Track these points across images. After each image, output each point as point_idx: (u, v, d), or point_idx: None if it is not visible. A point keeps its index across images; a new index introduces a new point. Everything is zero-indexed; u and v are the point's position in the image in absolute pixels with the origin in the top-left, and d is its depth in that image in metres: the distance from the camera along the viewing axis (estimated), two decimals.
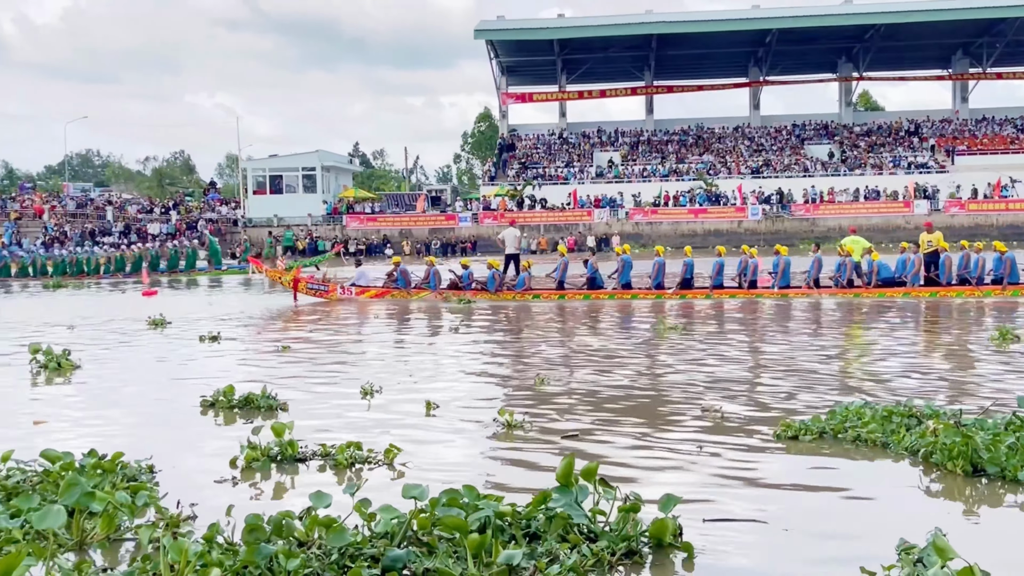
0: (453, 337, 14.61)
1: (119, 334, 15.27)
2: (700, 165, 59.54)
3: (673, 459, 6.40)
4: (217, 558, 3.94)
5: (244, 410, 8.10)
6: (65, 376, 10.44)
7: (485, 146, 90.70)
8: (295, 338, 14.32)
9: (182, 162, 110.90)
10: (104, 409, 8.59)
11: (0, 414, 8.19)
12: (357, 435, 6.68)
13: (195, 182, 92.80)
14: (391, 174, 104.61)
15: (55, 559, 4.07)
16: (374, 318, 17.68)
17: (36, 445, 5.94)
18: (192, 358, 12.21)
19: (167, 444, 6.98)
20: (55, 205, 58.43)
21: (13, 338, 14.77)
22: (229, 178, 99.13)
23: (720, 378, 9.73)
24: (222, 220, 57.60)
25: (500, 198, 55.56)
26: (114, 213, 57.93)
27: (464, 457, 6.55)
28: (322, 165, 59.60)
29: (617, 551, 4.35)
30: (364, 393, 8.72)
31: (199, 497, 5.38)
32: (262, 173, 59.61)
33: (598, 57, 64.50)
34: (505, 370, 10.81)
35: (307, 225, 55.03)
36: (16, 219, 53.78)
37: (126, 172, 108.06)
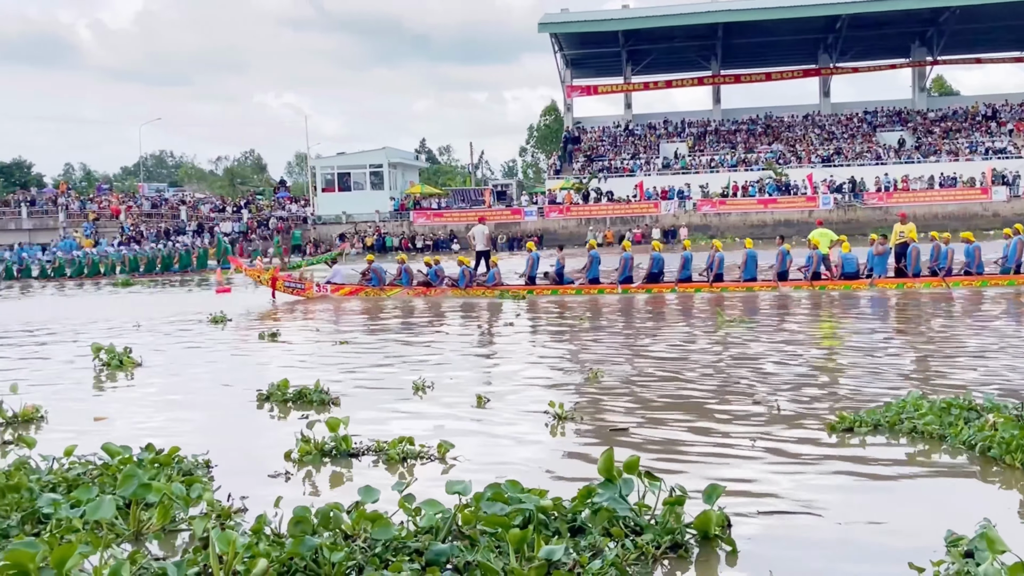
0: (506, 331, 14.63)
1: (181, 332, 15.61)
2: (769, 154, 58.63)
3: (726, 452, 6.32)
4: (264, 550, 3.98)
5: (297, 404, 8.19)
6: (127, 373, 10.68)
7: (550, 140, 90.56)
8: (351, 335, 14.44)
9: (253, 161, 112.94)
10: (163, 404, 8.77)
11: (64, 411, 8.38)
12: (409, 430, 6.70)
13: (265, 181, 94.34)
14: (457, 170, 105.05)
15: (110, 549, 4.12)
16: (423, 315, 17.74)
17: (97, 440, 6.04)
18: (250, 354, 12.43)
19: (224, 438, 7.12)
20: (131, 205, 59.85)
21: (80, 336, 15.14)
22: (299, 176, 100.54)
23: (774, 370, 9.60)
24: (292, 218, 58.43)
25: (566, 192, 55.37)
26: (188, 212, 59.11)
27: (514, 451, 6.53)
28: (389, 162, 60.16)
29: (662, 544, 4.30)
30: (416, 388, 8.76)
31: (252, 490, 5.44)
32: (330, 171, 60.39)
33: (663, 47, 63.94)
34: (558, 364, 10.77)
35: (375, 222, 55.54)
36: (94, 220, 55.21)
37: (199, 172, 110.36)
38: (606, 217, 52.83)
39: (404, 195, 59.14)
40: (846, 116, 64.31)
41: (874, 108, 65.13)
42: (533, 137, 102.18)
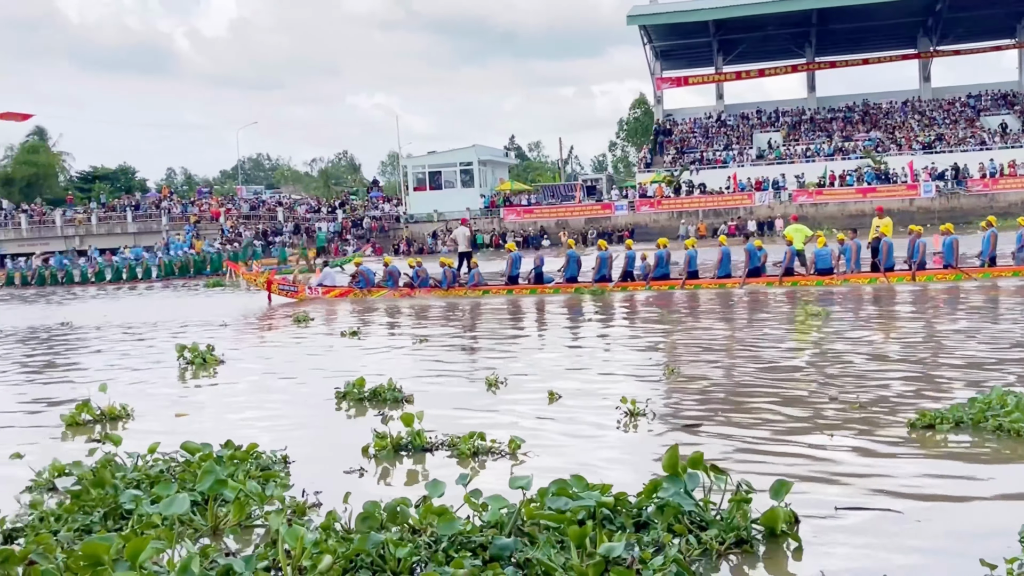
0: (579, 328, 14.58)
1: (264, 331, 16.06)
2: (867, 142, 56.98)
3: (801, 449, 6.17)
4: (331, 545, 4.01)
5: (373, 401, 8.27)
6: (210, 371, 10.94)
7: (640, 133, 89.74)
8: (428, 332, 14.59)
9: (347, 162, 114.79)
10: (244, 402, 8.97)
11: (150, 409, 8.62)
12: (481, 426, 6.70)
13: (359, 181, 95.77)
14: (546, 165, 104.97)
15: (185, 543, 4.19)
16: (497, 313, 17.78)
17: (180, 437, 6.19)
18: (330, 353, 12.62)
19: (302, 434, 7.22)
20: (230, 208, 61.41)
21: (173, 335, 15.61)
22: (391, 176, 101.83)
23: (852, 365, 9.34)
24: (385, 217, 59.17)
25: (657, 185, 54.79)
26: (284, 214, 60.43)
27: (585, 446, 6.49)
28: (479, 160, 60.40)
29: (726, 540, 4.24)
30: (489, 385, 8.78)
31: (327, 485, 5.50)
32: (422, 170, 60.94)
33: (755, 36, 62.65)
34: (632, 360, 10.65)
35: (466, 219, 55.80)
36: (195, 222, 56.82)
37: (295, 174, 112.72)
38: (698, 210, 52.08)
39: (494, 192, 59.30)
40: (948, 101, 62.09)
41: (977, 92, 62.69)
42: (623, 131, 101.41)
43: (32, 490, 5.76)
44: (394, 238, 55.16)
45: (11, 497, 5.29)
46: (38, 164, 76.54)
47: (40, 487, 5.78)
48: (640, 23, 60.23)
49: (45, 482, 5.80)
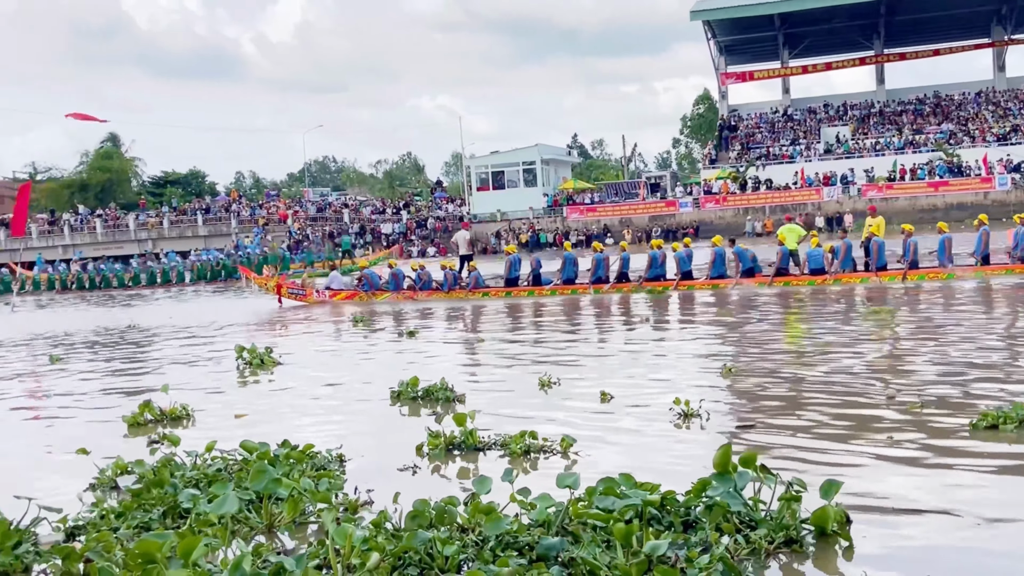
0: (635, 327, 14.52)
1: (323, 332, 16.26)
2: (939, 135, 55.64)
3: (861, 449, 6.05)
4: (381, 543, 4.05)
5: (426, 401, 8.31)
6: (268, 372, 11.10)
7: (704, 129, 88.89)
8: (481, 334, 14.66)
9: (411, 163, 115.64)
10: (301, 402, 9.07)
11: (209, 409, 8.78)
12: (533, 425, 6.68)
13: (423, 182, 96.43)
14: (609, 163, 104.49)
15: (238, 541, 4.30)
16: (553, 313, 17.73)
17: (238, 437, 6.29)
18: (387, 353, 12.77)
19: (357, 434, 7.29)
20: (297, 210, 62.31)
21: (226, 338, 15.92)
22: (454, 176, 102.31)
23: (913, 364, 9.14)
24: (449, 217, 59.46)
25: (722, 181, 54.19)
26: (350, 215, 61.12)
27: (637, 446, 6.45)
28: (541, 159, 60.38)
29: (775, 539, 4.19)
30: (542, 384, 8.74)
31: (381, 484, 5.54)
32: (484, 170, 61.13)
33: (822, 29, 61.66)
34: (687, 360, 10.56)
35: (529, 218, 55.85)
36: (263, 224, 57.75)
37: (360, 176, 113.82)
38: (765, 206, 51.34)
39: (557, 191, 59.24)
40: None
41: None
42: (686, 127, 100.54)
43: (95, 488, 5.90)
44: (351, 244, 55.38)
45: (74, 495, 5.39)
46: (112, 170, 78.48)
47: (103, 485, 5.91)
48: (704, 18, 59.68)
49: (108, 480, 5.93)
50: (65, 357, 14.19)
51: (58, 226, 61.45)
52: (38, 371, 12.97)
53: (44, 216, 64.28)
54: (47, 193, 73.91)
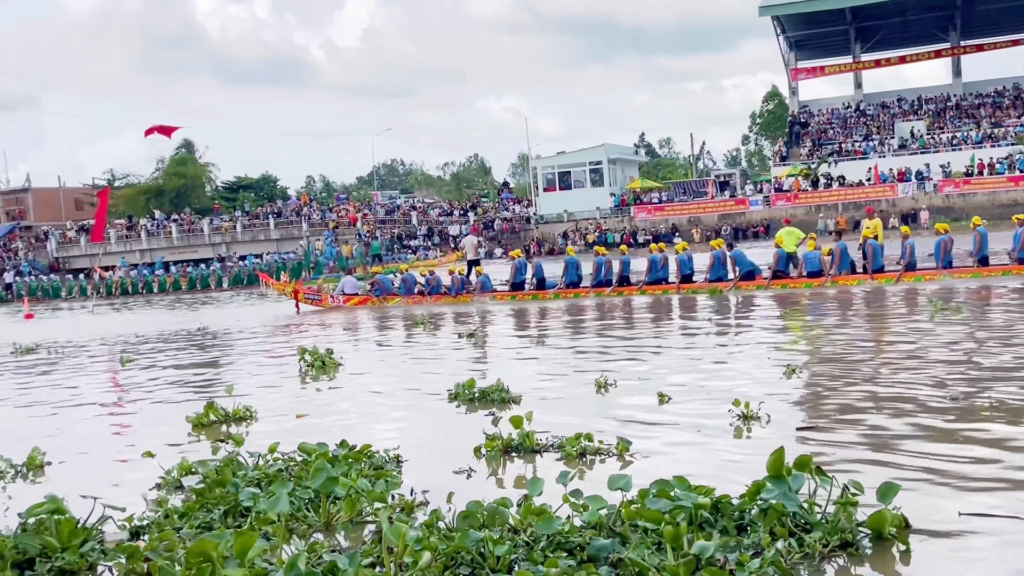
0: (693, 328, 14.44)
1: (383, 334, 16.54)
2: (1019, 128, 53.94)
3: (926, 452, 5.90)
4: (433, 542, 4.09)
5: (482, 402, 8.35)
6: (329, 374, 11.24)
7: (774, 126, 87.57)
8: (540, 336, 14.69)
9: (477, 165, 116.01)
10: (361, 403, 9.19)
11: (271, 410, 8.92)
12: (589, 427, 6.67)
13: (490, 183, 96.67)
14: (677, 162, 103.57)
15: (295, 539, 4.43)
16: (605, 315, 17.65)
17: (300, 437, 6.40)
18: (445, 354, 12.89)
19: (415, 435, 7.36)
20: (367, 213, 62.95)
21: (288, 340, 16.25)
22: (521, 177, 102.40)
23: (981, 365, 8.85)
24: (515, 218, 59.55)
25: (793, 178, 53.31)
26: (418, 217, 61.57)
27: (694, 449, 6.38)
28: (608, 158, 60.12)
29: (831, 543, 4.13)
30: (599, 386, 8.69)
31: (436, 484, 5.56)
32: (551, 170, 61.06)
33: (895, 22, 60.31)
34: (748, 361, 10.39)
35: (596, 219, 55.65)
36: (334, 228, 58.48)
37: (427, 178, 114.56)
38: (837, 203, 50.34)
39: (624, 190, 58.92)
40: None
41: None
42: (756, 124, 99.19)
43: (160, 488, 6.03)
44: (524, 239, 55.42)
45: (139, 495, 5.49)
46: (186, 175, 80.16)
47: (168, 485, 6.04)
48: (773, 13, 58.79)
49: (173, 480, 6.06)
50: (136, 359, 14.56)
51: (135, 231, 63.03)
52: (109, 372, 13.32)
53: (122, 221, 65.96)
54: (125, 199, 75.76)
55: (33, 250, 65.59)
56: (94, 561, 4.61)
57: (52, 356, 16.16)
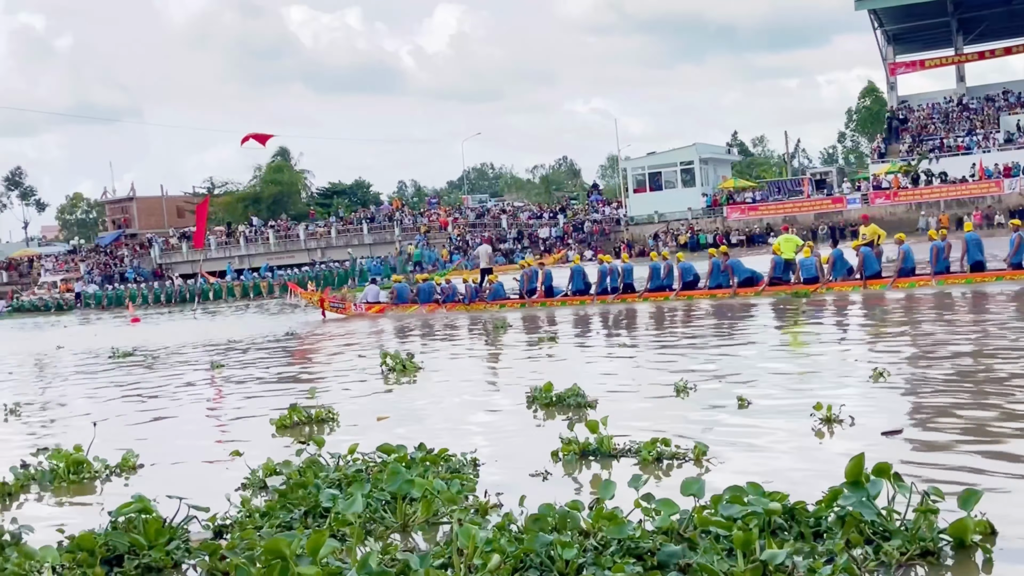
0: (774, 331, 14.23)
1: (463, 338, 16.78)
2: None
3: (1015, 456, 5.67)
4: (503, 545, 4.10)
5: (559, 406, 8.31)
6: (410, 377, 11.38)
7: (872, 122, 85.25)
8: (619, 340, 14.67)
9: (567, 167, 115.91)
10: (440, 406, 9.29)
11: (353, 412, 9.07)
12: (667, 431, 6.60)
13: (579, 186, 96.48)
14: (771, 160, 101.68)
15: (370, 540, 4.45)
16: (685, 319, 17.48)
17: (381, 439, 6.44)
18: (524, 358, 13.01)
19: (492, 438, 7.39)
20: (457, 217, 63.50)
21: (373, 344, 16.49)
22: (610, 179, 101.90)
23: None
24: (606, 220, 59.27)
25: (892, 175, 51.84)
26: (508, 221, 61.76)
27: (773, 454, 6.25)
28: (699, 158, 59.37)
29: (909, 551, 4.01)
30: (678, 390, 8.58)
31: (511, 487, 5.56)
32: (641, 171, 60.60)
33: (999, 12, 58.12)
34: (832, 364, 10.13)
35: (687, 219, 55.02)
36: (425, 232, 59.12)
37: (517, 181, 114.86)
38: (939, 200, 48.77)
39: (716, 190, 58.10)
40: None
41: None
42: (852, 120, 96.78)
43: (246, 488, 6.16)
44: (615, 240, 55.13)
45: (226, 494, 5.60)
46: (282, 183, 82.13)
47: (253, 485, 6.17)
48: (870, 7, 57.36)
49: (258, 481, 6.18)
50: (226, 363, 14.98)
51: (234, 237, 64.75)
52: (201, 377, 13.72)
53: (221, 228, 67.87)
54: (224, 206, 78.04)
55: (138, 257, 68.01)
56: (179, 559, 4.73)
57: (148, 360, 16.69)
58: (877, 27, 60.42)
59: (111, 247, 73.24)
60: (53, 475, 6.83)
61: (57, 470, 6.85)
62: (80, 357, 18.87)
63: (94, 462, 6.97)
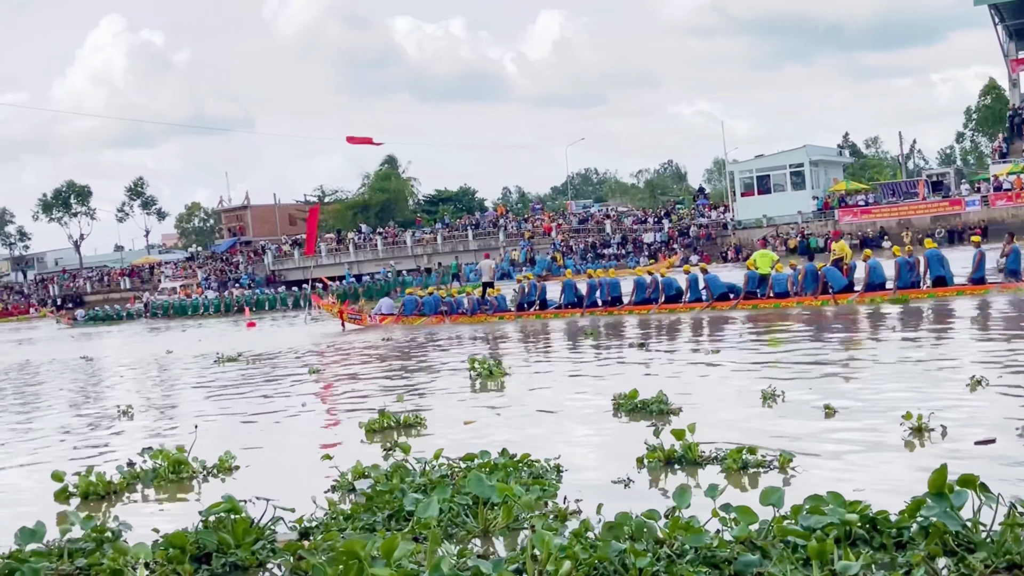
0: (867, 339, 14.03)
1: (550, 345, 17.11)
2: None
3: None
4: (576, 552, 4.10)
5: (644, 413, 8.29)
6: (497, 383, 11.53)
7: (992, 121, 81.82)
8: (709, 347, 14.58)
9: (672, 171, 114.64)
10: (526, 412, 9.37)
11: (440, 416, 9.26)
12: (754, 439, 6.56)
13: (684, 190, 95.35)
14: (885, 162, 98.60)
15: (446, 543, 4.46)
16: (763, 326, 17.24)
17: (467, 444, 6.69)
18: (612, 365, 13.08)
19: (578, 444, 7.42)
20: (561, 222, 63.47)
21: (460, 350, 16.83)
22: (717, 183, 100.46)
23: None
24: (712, 225, 58.43)
25: (1015, 176, 49.60)
26: (612, 226, 61.44)
27: (860, 464, 6.09)
28: (810, 160, 57.92)
29: (995, 564, 3.88)
30: (765, 398, 8.44)
31: (593, 495, 5.51)
32: (748, 174, 59.47)
33: None
34: (929, 372, 9.88)
35: (797, 223, 53.81)
36: (529, 238, 59.32)
37: (621, 186, 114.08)
38: None
39: (827, 193, 56.61)
40: None
41: None
42: (971, 120, 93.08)
43: (335, 490, 6.31)
44: (722, 245, 54.31)
45: (314, 496, 5.74)
46: (389, 190, 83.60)
47: (342, 487, 6.32)
48: (990, 2, 55.15)
49: (346, 483, 6.33)
50: (323, 368, 15.52)
51: (344, 244, 66.18)
52: (299, 381, 14.15)
53: (331, 236, 69.41)
54: (333, 214, 79.83)
55: (252, 264, 70.15)
56: (263, 559, 4.87)
57: (251, 365, 17.23)
58: (998, 23, 58.05)
59: (227, 254, 75.80)
60: (155, 474, 7.12)
61: (159, 470, 7.14)
62: (186, 362, 19.62)
63: (193, 463, 7.23)
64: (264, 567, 4.83)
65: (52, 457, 8.66)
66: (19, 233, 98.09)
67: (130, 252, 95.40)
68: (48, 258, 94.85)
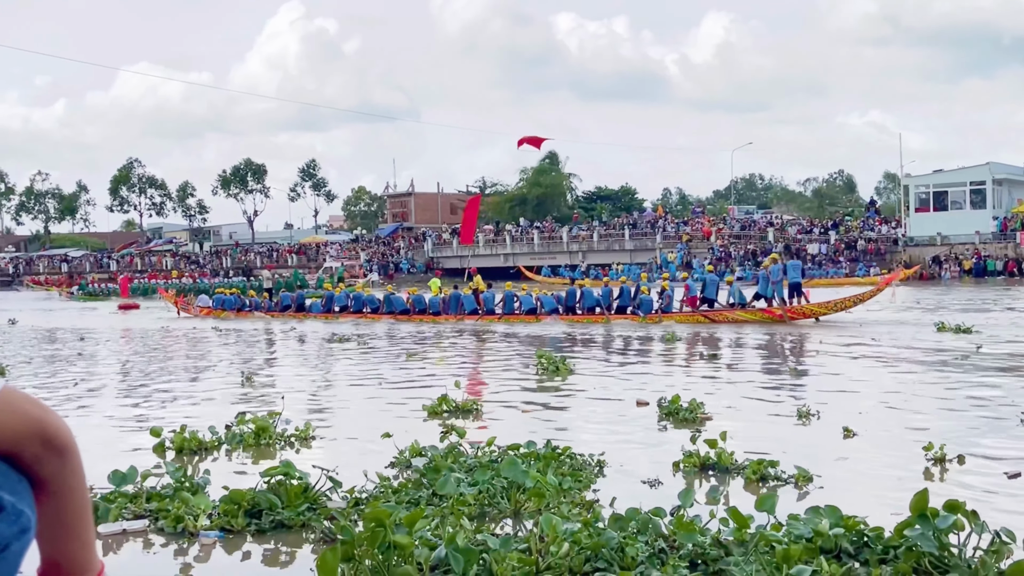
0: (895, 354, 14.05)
1: (619, 346, 17.55)
2: None
3: None
4: (580, 537, 4.38)
5: (677, 417, 8.53)
6: (561, 378, 11.96)
7: None
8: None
9: (842, 181, 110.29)
10: (580, 407, 9.88)
11: (502, 405, 9.89)
12: (777, 454, 6.71)
13: (854, 201, 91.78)
14: None
15: (465, 520, 4.76)
16: (802, 344, 17.09)
17: (521, 432, 7.10)
18: (674, 368, 13.78)
19: (619, 443, 7.61)
20: (721, 227, 62.31)
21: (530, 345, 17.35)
22: (887, 196, 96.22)
23: None
24: (881, 239, 56.10)
25: None
26: (774, 234, 59.83)
27: (876, 485, 6.19)
28: (993, 178, 54.76)
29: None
30: (800, 415, 8.57)
31: (623, 491, 5.75)
32: (925, 189, 56.76)
33: None
34: (949, 394, 9.95)
35: (974, 243, 50.99)
36: (687, 241, 58.57)
37: (788, 194, 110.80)
38: None
39: (1010, 214, 53.34)
40: None
41: None
42: None
43: (394, 466, 6.71)
44: (891, 260, 52.03)
45: (367, 469, 6.05)
46: (548, 185, 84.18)
47: (400, 464, 6.70)
48: None
49: (404, 460, 6.70)
50: (420, 352, 16.67)
51: (501, 236, 67.10)
52: (394, 364, 14.97)
53: (490, 227, 70.51)
54: (491, 206, 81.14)
55: (412, 249, 72.07)
56: (306, 520, 5.33)
57: (359, 347, 18.04)
58: None
59: (389, 238, 78.15)
60: (241, 438, 7.66)
61: (245, 435, 7.63)
62: (303, 343, 20.38)
63: (275, 430, 7.80)
64: (306, 527, 5.27)
65: (182, 416, 9.24)
66: (199, 206, 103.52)
67: (299, 231, 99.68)
68: (223, 231, 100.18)
